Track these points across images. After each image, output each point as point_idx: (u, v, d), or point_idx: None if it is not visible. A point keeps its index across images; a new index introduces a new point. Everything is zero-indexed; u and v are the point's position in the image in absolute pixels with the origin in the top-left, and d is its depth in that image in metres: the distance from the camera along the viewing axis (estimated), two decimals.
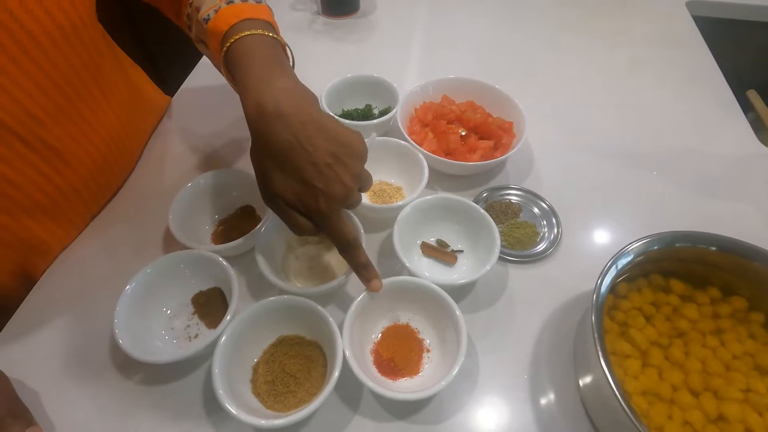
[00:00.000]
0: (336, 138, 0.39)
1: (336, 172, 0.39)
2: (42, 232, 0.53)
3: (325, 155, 0.39)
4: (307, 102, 0.40)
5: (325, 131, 0.39)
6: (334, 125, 0.40)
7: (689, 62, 0.86)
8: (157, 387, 0.46)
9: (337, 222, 0.42)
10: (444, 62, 0.86)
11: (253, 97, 0.39)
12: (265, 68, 0.42)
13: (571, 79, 0.83)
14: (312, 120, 0.39)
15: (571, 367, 0.48)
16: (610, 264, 0.42)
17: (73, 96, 0.50)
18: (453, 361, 0.43)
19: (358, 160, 0.41)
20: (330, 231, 0.42)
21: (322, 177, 0.39)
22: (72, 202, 0.55)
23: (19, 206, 0.50)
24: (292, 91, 0.40)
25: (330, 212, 0.41)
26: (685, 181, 0.65)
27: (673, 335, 0.44)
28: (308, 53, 0.88)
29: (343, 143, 0.40)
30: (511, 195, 0.62)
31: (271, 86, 0.39)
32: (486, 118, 0.65)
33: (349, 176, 0.40)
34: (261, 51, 0.43)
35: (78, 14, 0.47)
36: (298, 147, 0.38)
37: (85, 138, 0.53)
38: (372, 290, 0.45)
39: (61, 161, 0.51)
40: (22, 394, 0.43)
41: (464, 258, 0.56)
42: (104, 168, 0.58)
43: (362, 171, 0.42)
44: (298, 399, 0.44)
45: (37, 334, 0.50)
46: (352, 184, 0.40)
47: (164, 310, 0.50)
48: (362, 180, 0.43)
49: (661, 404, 0.40)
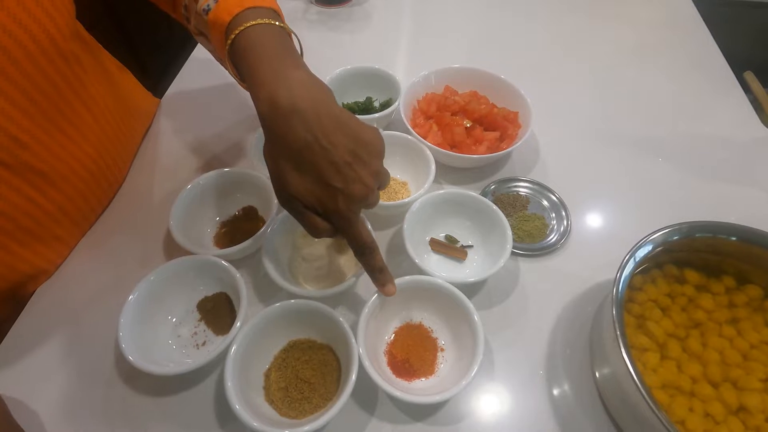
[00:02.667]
0: (355, 135, 0.37)
1: (356, 171, 0.37)
2: (32, 257, 0.50)
3: (345, 153, 0.36)
4: (324, 95, 0.37)
5: (343, 127, 0.37)
6: (351, 121, 0.38)
7: (691, 46, 0.85)
8: (166, 398, 0.45)
9: (355, 223, 0.40)
10: (443, 51, 0.84)
11: (267, 93, 0.37)
12: (276, 61, 0.39)
13: (573, 66, 0.81)
14: (330, 115, 0.36)
15: (587, 360, 0.47)
16: (629, 256, 0.41)
17: (54, 114, 0.47)
18: (469, 361, 0.42)
19: (378, 158, 0.39)
20: (349, 233, 0.40)
21: (341, 176, 0.37)
22: (60, 222, 0.52)
23: (6, 234, 0.47)
24: (307, 84, 0.37)
25: (349, 213, 0.39)
26: (692, 167, 0.65)
27: (689, 326, 0.44)
28: (303, 44, 0.85)
29: (362, 140, 0.37)
30: (518, 187, 0.61)
31: (286, 80, 0.37)
32: (491, 109, 0.63)
33: (369, 175, 0.38)
34: (270, 42, 0.40)
35: (56, 25, 0.43)
36: (315, 145, 0.36)
37: (70, 156, 0.50)
38: (386, 294, 0.44)
39: (47, 183, 0.48)
40: (20, 414, 0.41)
41: (474, 253, 0.55)
42: (92, 184, 0.55)
43: (381, 168, 0.40)
44: (313, 405, 0.43)
45: (33, 352, 0.48)
46: (373, 183, 0.38)
47: (170, 318, 0.48)
48: (381, 178, 0.41)
49: (682, 397, 0.40)
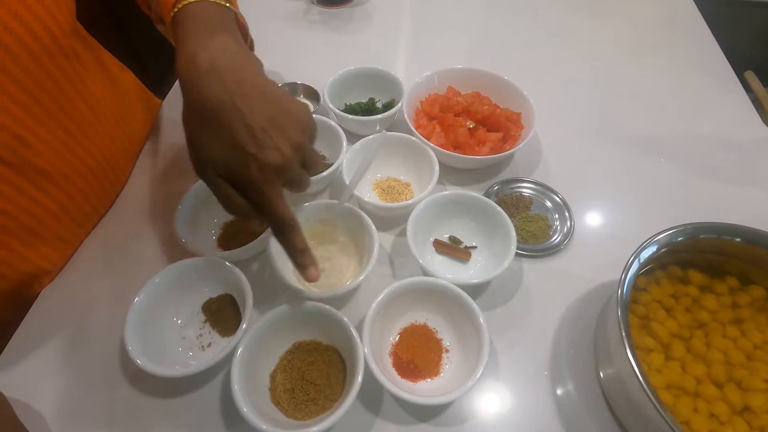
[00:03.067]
0: (277, 103, 0.36)
1: (272, 139, 0.35)
2: (35, 257, 0.50)
3: (261, 119, 0.35)
4: (249, 63, 0.37)
5: (264, 95, 0.36)
6: (277, 91, 0.37)
7: (692, 45, 0.85)
8: (172, 399, 0.45)
9: (271, 196, 0.37)
10: (444, 51, 0.84)
11: (187, 54, 0.36)
12: (205, 30, 0.38)
13: (574, 65, 0.81)
14: (251, 80, 0.36)
15: (591, 360, 0.47)
16: (634, 257, 0.41)
17: (56, 111, 0.47)
18: (474, 362, 0.42)
19: (302, 131, 0.37)
20: (263, 206, 0.38)
21: (255, 141, 0.35)
22: (62, 222, 0.52)
23: (8, 234, 0.47)
24: (231, 49, 0.37)
25: (263, 183, 0.36)
26: (693, 167, 0.65)
27: (693, 327, 0.44)
28: (304, 45, 0.85)
29: (284, 109, 0.36)
30: (522, 188, 0.61)
31: (209, 44, 0.36)
32: (494, 110, 0.63)
33: (287, 144, 0.36)
34: (206, 16, 0.40)
35: (56, 22, 0.43)
36: (230, 106, 0.35)
37: (72, 154, 0.50)
38: (308, 279, 0.41)
39: (49, 181, 0.48)
40: (25, 416, 0.41)
41: (478, 254, 0.55)
42: (93, 183, 0.55)
43: (305, 144, 0.38)
44: (319, 406, 0.43)
45: (39, 354, 0.48)
46: (291, 153, 0.36)
47: (175, 319, 0.48)
48: (306, 155, 0.38)
49: (686, 397, 0.40)
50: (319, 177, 0.56)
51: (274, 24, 0.88)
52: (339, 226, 0.54)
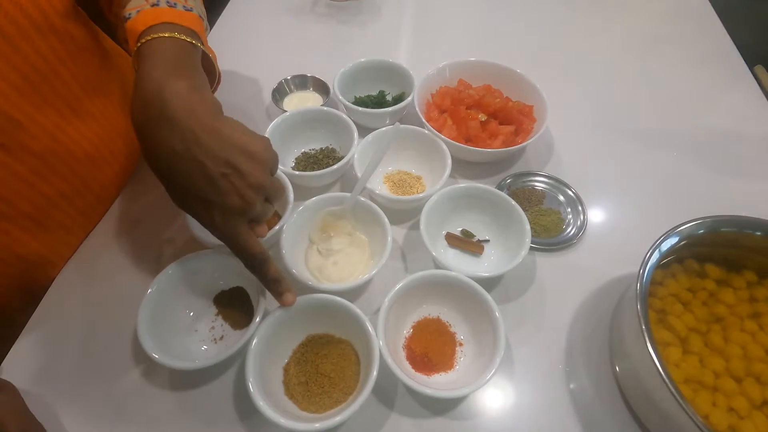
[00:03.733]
0: (233, 145, 0.36)
1: (232, 183, 0.36)
2: (36, 245, 0.50)
3: (220, 165, 0.35)
4: (204, 107, 0.36)
5: (220, 138, 0.35)
6: (232, 132, 0.36)
7: (704, 38, 0.84)
8: (185, 392, 0.45)
9: (237, 238, 0.38)
10: (453, 44, 0.83)
11: (140, 98, 0.36)
12: (162, 69, 0.37)
13: (586, 58, 0.81)
14: (205, 127, 0.35)
15: (606, 355, 0.47)
16: (654, 248, 0.41)
17: (48, 92, 0.46)
18: (490, 356, 0.42)
19: (261, 169, 0.37)
20: (231, 247, 0.39)
21: (215, 189, 0.35)
22: (62, 209, 0.51)
23: (6, 219, 0.46)
24: (185, 95, 0.36)
25: (227, 228, 0.38)
26: (706, 161, 0.64)
27: (711, 321, 0.44)
28: (312, 38, 0.85)
29: (242, 150, 0.36)
30: (534, 182, 0.60)
31: (163, 89, 0.35)
32: (506, 103, 0.63)
33: (247, 187, 0.36)
34: (166, 52, 0.39)
35: (50, 2, 0.43)
36: (187, 158, 0.35)
37: (66, 137, 0.49)
38: (285, 304, 0.42)
39: (44, 165, 0.47)
40: (37, 409, 0.41)
41: (491, 248, 0.54)
42: (92, 170, 0.54)
43: (266, 180, 0.38)
44: (333, 399, 0.43)
45: (50, 345, 0.48)
46: (252, 195, 0.37)
47: (187, 311, 0.48)
48: (268, 190, 0.38)
49: (705, 392, 0.39)
50: (330, 170, 0.55)
51: (282, 17, 0.88)
52: (351, 218, 0.53)
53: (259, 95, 0.72)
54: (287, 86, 0.70)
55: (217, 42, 0.82)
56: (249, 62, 0.78)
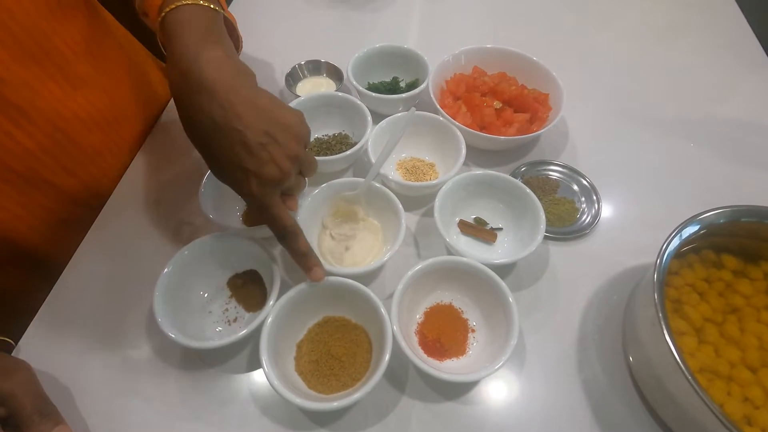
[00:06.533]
0: (271, 117, 0.37)
1: (270, 153, 0.37)
2: (27, 201, 0.50)
3: (258, 134, 0.36)
4: (240, 77, 0.37)
5: (257, 109, 0.36)
6: (269, 104, 0.37)
7: (723, 26, 0.82)
8: (199, 372, 0.45)
9: (272, 207, 0.39)
10: (467, 31, 0.82)
11: (178, 70, 0.36)
12: (195, 39, 0.38)
13: (601, 46, 0.79)
14: (243, 98, 0.36)
15: (619, 344, 0.47)
16: (675, 233, 0.40)
17: (37, 52, 0.46)
18: (502, 343, 0.42)
19: (297, 141, 0.38)
20: (266, 217, 0.40)
21: (253, 158, 0.36)
22: (46, 164, 0.51)
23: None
24: (221, 63, 0.37)
25: (263, 196, 0.38)
26: (724, 151, 0.63)
27: (726, 311, 0.44)
28: (324, 23, 0.84)
29: (279, 122, 0.37)
30: (549, 170, 0.60)
31: (199, 58, 0.36)
32: (521, 90, 0.62)
33: (284, 157, 0.37)
34: (195, 22, 0.39)
35: None
36: (225, 127, 0.36)
37: (53, 97, 0.49)
38: (314, 279, 0.43)
39: (24, 118, 0.47)
40: (51, 386, 0.41)
41: (504, 236, 0.54)
42: (83, 132, 0.53)
43: (301, 152, 0.39)
44: (341, 383, 0.43)
45: (65, 325, 0.49)
46: (289, 166, 0.38)
47: (201, 293, 0.49)
48: (303, 163, 0.40)
49: (720, 381, 0.39)
50: (343, 156, 0.55)
51: (295, 2, 0.87)
52: (364, 204, 0.53)
53: (273, 79, 0.72)
54: (301, 71, 0.69)
55: None
56: (262, 46, 0.77)
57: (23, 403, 0.36)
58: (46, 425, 0.36)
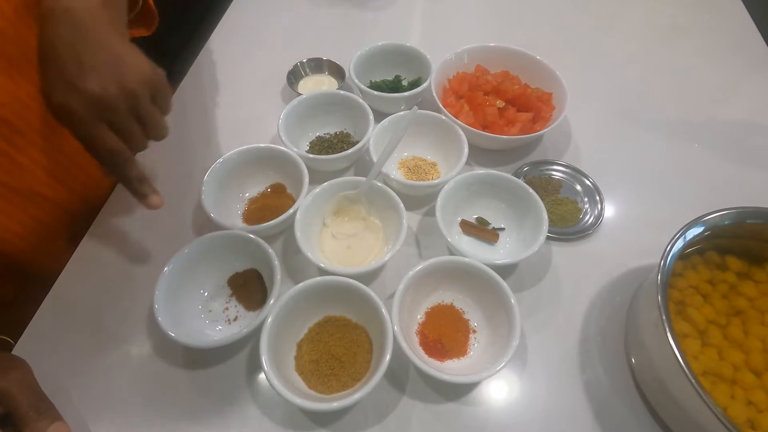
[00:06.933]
0: (118, 53, 0.37)
1: (100, 75, 0.36)
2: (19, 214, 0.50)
3: (96, 60, 0.36)
4: (109, 22, 0.38)
5: (108, 44, 0.37)
6: (122, 46, 0.38)
7: (728, 26, 0.82)
8: (199, 371, 0.45)
9: (95, 130, 0.37)
10: (470, 30, 0.82)
11: (46, 5, 0.37)
12: None
13: (605, 46, 0.79)
14: (101, 31, 0.37)
15: (621, 345, 0.47)
16: (679, 235, 0.40)
17: (21, 62, 0.45)
18: (504, 344, 0.42)
19: (138, 82, 0.37)
20: (89, 141, 0.38)
21: (82, 75, 0.36)
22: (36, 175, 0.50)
23: None
24: (93, 8, 0.38)
25: (86, 117, 0.37)
26: (727, 153, 0.63)
27: (730, 314, 0.43)
28: (326, 21, 0.83)
29: (124, 60, 0.37)
30: (551, 170, 0.59)
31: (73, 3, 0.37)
32: (525, 89, 0.61)
33: (114, 84, 0.36)
34: None
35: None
36: (70, 47, 0.36)
37: (40, 107, 0.48)
38: (151, 206, 0.41)
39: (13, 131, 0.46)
40: (50, 389, 0.40)
41: (506, 236, 0.54)
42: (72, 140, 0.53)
43: (137, 93, 0.38)
44: (341, 383, 0.43)
45: (64, 324, 0.48)
46: (115, 91, 0.36)
47: (201, 292, 0.48)
48: (140, 106, 0.38)
49: (723, 384, 0.39)
50: (345, 154, 0.55)
51: (297, 0, 0.87)
52: (365, 203, 0.53)
53: (274, 77, 0.71)
54: (303, 69, 0.69)
55: (233, 22, 0.82)
56: (264, 44, 0.77)
57: (19, 400, 0.36)
58: (44, 422, 0.36)
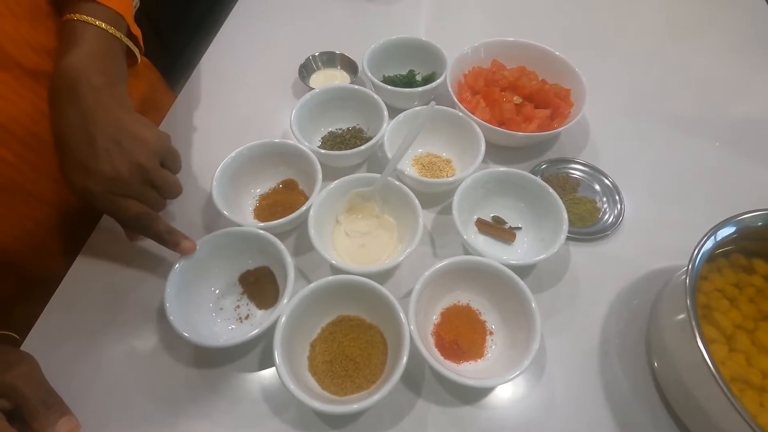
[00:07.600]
0: (126, 129, 0.40)
1: (110, 156, 0.39)
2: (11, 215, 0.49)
3: (106, 140, 0.39)
4: (114, 100, 0.41)
5: (116, 122, 0.40)
6: (130, 119, 0.41)
7: (749, 22, 0.80)
8: (210, 370, 0.44)
9: (116, 203, 0.41)
10: (485, 24, 0.80)
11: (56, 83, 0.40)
12: (82, 60, 0.41)
13: (624, 42, 0.77)
14: (106, 111, 0.39)
15: (642, 349, 0.45)
16: (710, 235, 0.39)
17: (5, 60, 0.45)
18: (523, 347, 0.41)
19: (146, 154, 0.41)
20: (113, 215, 0.42)
21: (93, 158, 0.39)
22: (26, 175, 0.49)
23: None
24: (99, 88, 0.40)
25: (105, 195, 0.40)
26: (750, 152, 0.61)
27: (758, 318, 0.42)
28: (338, 15, 0.82)
29: (131, 134, 0.40)
30: (569, 169, 0.58)
31: (80, 80, 0.39)
32: (543, 85, 0.60)
33: (125, 162, 0.39)
34: (88, 44, 0.42)
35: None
36: (80, 129, 0.39)
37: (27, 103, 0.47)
38: (185, 252, 0.44)
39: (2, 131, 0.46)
40: (58, 385, 0.39)
41: (523, 236, 0.52)
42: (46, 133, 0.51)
43: (149, 165, 0.41)
44: (356, 384, 0.42)
45: (74, 321, 0.48)
46: (126, 170, 0.40)
47: (213, 289, 0.47)
48: (153, 176, 0.41)
49: (752, 391, 0.38)
50: (358, 150, 0.54)
51: None
52: (379, 200, 0.52)
53: (286, 71, 0.70)
54: (315, 63, 0.68)
55: (245, 16, 0.81)
56: (277, 37, 0.76)
57: (26, 394, 0.35)
58: (53, 416, 0.35)
